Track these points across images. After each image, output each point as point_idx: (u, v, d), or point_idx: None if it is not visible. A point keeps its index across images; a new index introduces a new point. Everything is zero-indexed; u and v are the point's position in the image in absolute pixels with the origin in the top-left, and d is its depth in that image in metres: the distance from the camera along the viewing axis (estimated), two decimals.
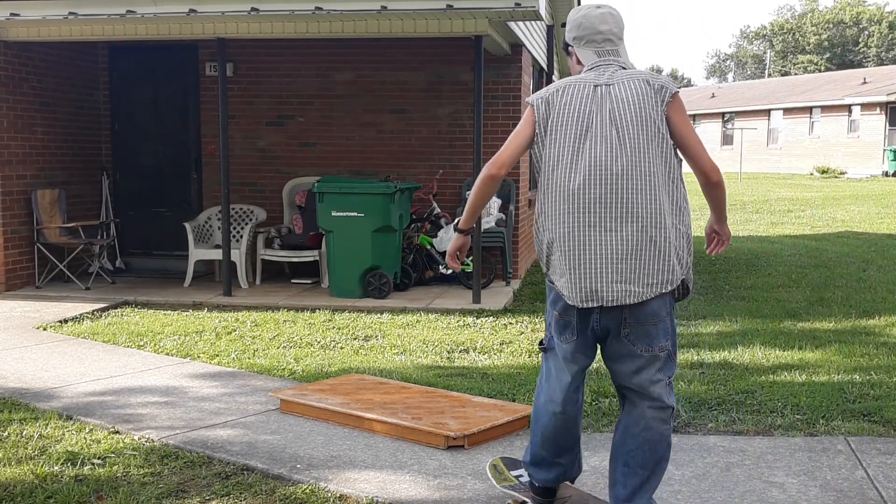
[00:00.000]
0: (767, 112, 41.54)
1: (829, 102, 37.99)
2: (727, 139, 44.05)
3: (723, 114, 44.51)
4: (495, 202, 9.68)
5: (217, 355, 6.61)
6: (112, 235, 10.66)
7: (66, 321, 7.82)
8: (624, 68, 3.21)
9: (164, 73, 10.73)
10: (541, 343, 3.47)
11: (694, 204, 23.18)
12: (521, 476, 3.81)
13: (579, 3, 14.31)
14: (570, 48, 3.37)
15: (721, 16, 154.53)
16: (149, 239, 10.83)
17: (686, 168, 3.25)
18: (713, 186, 3.25)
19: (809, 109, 39.32)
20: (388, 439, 4.73)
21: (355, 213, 8.64)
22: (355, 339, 7.15)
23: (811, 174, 37.24)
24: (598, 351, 3.36)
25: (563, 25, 3.48)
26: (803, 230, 16.71)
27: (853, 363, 6.38)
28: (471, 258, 8.89)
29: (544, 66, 12.60)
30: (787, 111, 40.47)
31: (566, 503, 3.72)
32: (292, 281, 9.86)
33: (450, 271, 9.44)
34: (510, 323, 7.86)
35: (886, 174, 34.11)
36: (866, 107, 36.14)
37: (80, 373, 6.10)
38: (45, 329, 7.54)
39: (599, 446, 4.62)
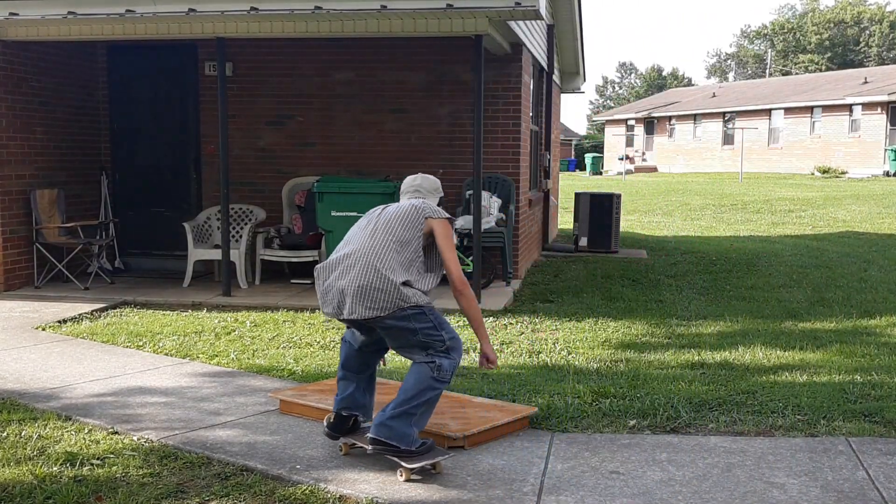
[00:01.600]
0: (768, 112, 41.50)
1: (830, 102, 37.96)
2: (728, 139, 44.02)
3: (723, 113, 44.48)
4: (495, 202, 9.66)
5: (216, 355, 6.59)
6: (111, 235, 10.64)
7: (64, 321, 7.81)
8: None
9: (163, 73, 10.72)
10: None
11: (695, 203, 23.14)
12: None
13: (579, 3, 14.30)
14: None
15: (722, 15, 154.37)
16: (148, 239, 10.82)
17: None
18: (457, 294, 4.37)
19: (810, 109, 39.29)
20: None
21: (355, 213, 8.61)
22: None
23: (812, 174, 37.22)
24: None
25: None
26: (804, 230, 16.69)
27: (854, 363, 6.37)
28: (471, 258, 8.88)
29: (544, 66, 12.58)
30: (787, 111, 40.43)
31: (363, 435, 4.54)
32: (292, 281, 9.85)
33: None
34: (510, 323, 7.85)
35: (887, 174, 34.06)
36: (867, 106, 36.10)
37: (79, 373, 6.09)
38: (43, 329, 7.52)
39: (600, 447, 4.60)
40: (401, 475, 4.17)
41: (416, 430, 4.26)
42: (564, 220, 18.21)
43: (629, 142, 51.25)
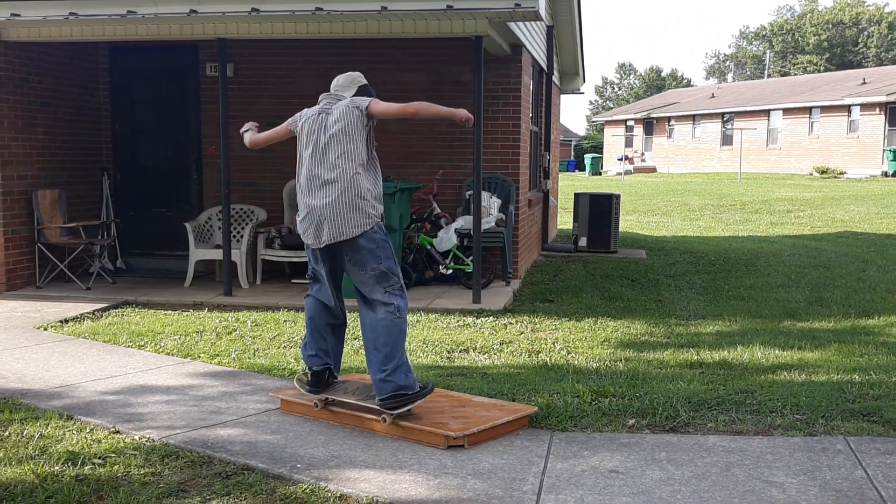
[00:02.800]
0: (767, 112, 41.53)
1: (828, 103, 37.99)
2: (727, 139, 44.04)
3: (722, 114, 44.50)
4: (495, 202, 9.68)
5: (217, 355, 6.61)
6: (112, 235, 10.66)
7: (66, 321, 7.83)
8: (340, 101, 5.04)
9: (164, 74, 10.74)
10: (308, 275, 5.14)
11: (693, 203, 23.16)
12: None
13: (579, 5, 14.32)
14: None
15: (720, 16, 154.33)
16: (149, 239, 10.84)
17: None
18: (412, 113, 5.02)
19: (809, 110, 39.31)
20: (389, 439, 4.73)
21: None
22: (355, 338, 7.15)
23: (811, 174, 37.25)
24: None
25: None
26: (803, 230, 16.72)
27: (852, 363, 6.39)
28: (471, 258, 8.90)
29: (544, 67, 12.60)
30: (786, 111, 40.46)
31: (346, 385, 5.16)
32: (293, 281, 9.87)
33: (449, 271, 9.44)
34: (510, 323, 7.87)
35: (886, 174, 34.10)
36: (866, 107, 36.13)
37: (81, 373, 6.11)
38: (45, 329, 7.54)
39: (600, 446, 4.63)
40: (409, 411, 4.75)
41: (412, 375, 4.77)
42: (564, 220, 18.23)
43: (628, 142, 51.27)
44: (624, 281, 10.34)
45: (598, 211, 12.96)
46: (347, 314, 5.26)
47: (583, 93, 17.81)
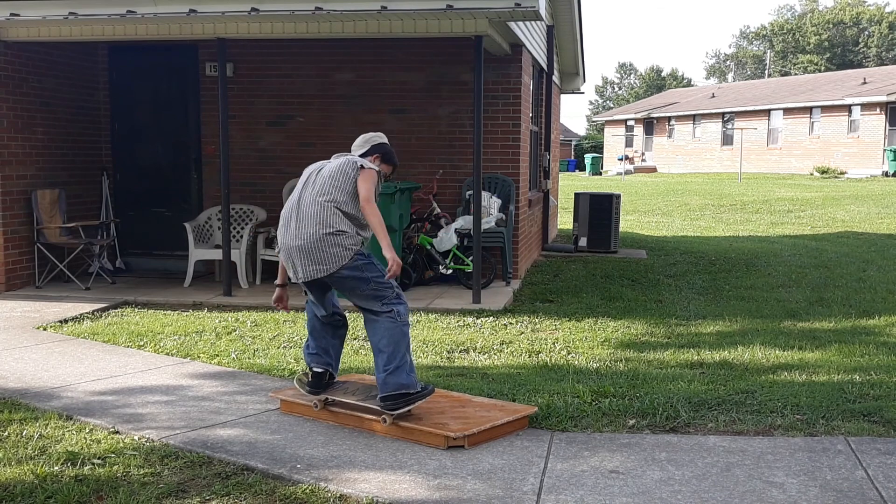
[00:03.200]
0: (767, 112, 41.51)
1: (829, 102, 37.97)
2: (727, 139, 44.03)
3: (723, 114, 44.48)
4: (495, 202, 9.68)
5: (217, 355, 6.61)
6: (112, 235, 10.66)
7: (66, 321, 7.83)
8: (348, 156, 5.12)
9: (164, 73, 10.73)
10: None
11: (694, 203, 23.16)
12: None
13: (579, 4, 14.31)
14: None
15: (721, 16, 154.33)
16: (149, 239, 10.83)
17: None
18: (363, 208, 4.84)
19: (809, 110, 39.30)
20: (389, 439, 4.73)
21: None
22: (355, 339, 7.15)
23: (811, 174, 37.25)
24: None
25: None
26: (803, 230, 16.71)
27: (853, 363, 6.39)
28: (471, 258, 8.90)
29: (544, 66, 12.59)
30: (787, 111, 40.45)
31: (346, 386, 5.20)
32: (292, 281, 9.85)
33: (449, 271, 9.44)
34: (510, 323, 7.87)
35: (886, 174, 34.09)
36: (866, 107, 36.12)
37: (81, 373, 6.11)
38: (45, 329, 7.54)
39: (600, 446, 4.62)
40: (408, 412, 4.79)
41: (414, 375, 4.78)
42: (564, 220, 18.23)
43: (629, 142, 51.26)
44: (624, 281, 10.34)
45: (599, 211, 12.96)
46: (348, 315, 5.26)
47: (583, 92, 17.80)
